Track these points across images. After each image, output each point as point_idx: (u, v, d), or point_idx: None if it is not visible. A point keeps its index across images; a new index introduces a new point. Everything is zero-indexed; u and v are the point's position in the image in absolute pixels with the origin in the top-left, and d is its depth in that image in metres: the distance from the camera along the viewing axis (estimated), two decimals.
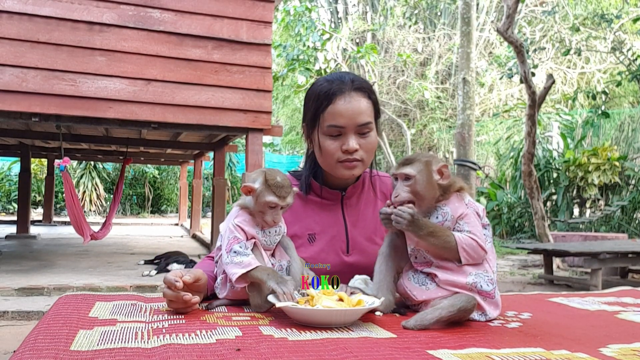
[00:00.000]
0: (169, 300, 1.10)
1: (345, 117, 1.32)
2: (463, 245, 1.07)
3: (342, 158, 1.34)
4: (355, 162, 1.35)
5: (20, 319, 4.04)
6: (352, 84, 1.34)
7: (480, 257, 1.09)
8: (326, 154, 1.36)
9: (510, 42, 6.98)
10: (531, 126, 7.06)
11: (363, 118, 1.33)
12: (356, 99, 1.33)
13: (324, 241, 1.40)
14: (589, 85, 14.38)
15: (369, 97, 1.36)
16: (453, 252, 1.08)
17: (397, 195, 1.12)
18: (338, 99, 1.32)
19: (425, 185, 1.11)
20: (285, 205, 1.18)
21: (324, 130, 1.35)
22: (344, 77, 1.36)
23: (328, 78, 1.37)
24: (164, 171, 17.23)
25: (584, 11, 14.47)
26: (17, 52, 4.87)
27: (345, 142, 1.33)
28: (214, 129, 5.70)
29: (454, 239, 1.07)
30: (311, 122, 1.38)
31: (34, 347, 0.84)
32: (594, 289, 5.14)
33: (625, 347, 0.94)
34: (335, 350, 0.85)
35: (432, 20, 16.17)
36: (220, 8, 5.47)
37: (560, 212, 9.94)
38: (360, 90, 1.34)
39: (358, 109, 1.32)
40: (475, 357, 0.85)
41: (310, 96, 1.38)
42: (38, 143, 9.30)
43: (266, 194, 1.15)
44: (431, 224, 1.09)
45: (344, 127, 1.33)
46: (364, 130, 1.34)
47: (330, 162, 1.36)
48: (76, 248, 7.88)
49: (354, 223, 1.44)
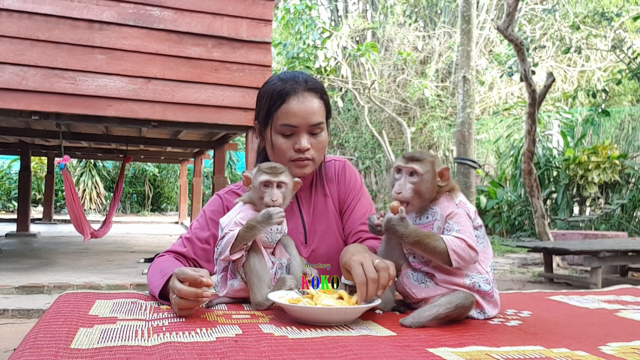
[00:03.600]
0: (183, 299, 1.04)
1: (298, 117, 1.34)
2: (453, 248, 1.06)
3: (294, 157, 1.37)
4: (306, 161, 1.38)
5: (20, 317, 4.04)
6: (305, 84, 1.36)
7: (471, 257, 1.07)
8: (278, 152, 1.39)
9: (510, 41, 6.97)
10: (531, 124, 7.06)
11: (315, 118, 1.36)
12: (309, 99, 1.35)
13: None
14: (589, 84, 14.37)
15: (321, 97, 1.39)
16: (443, 256, 1.06)
17: (400, 191, 1.12)
18: (291, 98, 1.34)
19: (429, 185, 1.11)
20: (278, 181, 1.21)
21: (276, 128, 1.37)
22: (298, 76, 1.38)
23: (282, 77, 1.39)
24: (164, 169, 17.23)
25: (585, 9, 14.46)
26: (17, 50, 4.86)
27: (298, 141, 1.36)
28: (214, 127, 5.69)
29: (443, 243, 1.06)
30: (264, 120, 1.40)
31: (34, 345, 0.84)
32: (593, 287, 5.14)
33: (624, 345, 0.94)
34: (335, 349, 0.85)
35: (432, 18, 16.15)
36: (220, 6, 5.47)
37: (560, 210, 9.94)
38: (313, 91, 1.37)
39: (311, 109, 1.35)
40: (475, 355, 0.85)
41: (264, 94, 1.40)
42: (38, 141, 9.30)
43: (259, 176, 1.21)
44: (418, 232, 1.07)
45: (296, 126, 1.35)
46: (315, 130, 1.37)
47: (282, 160, 1.38)
48: (76, 246, 7.88)
49: (309, 213, 1.47)
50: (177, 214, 15.12)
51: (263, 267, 1.17)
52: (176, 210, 16.17)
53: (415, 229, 1.08)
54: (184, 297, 1.04)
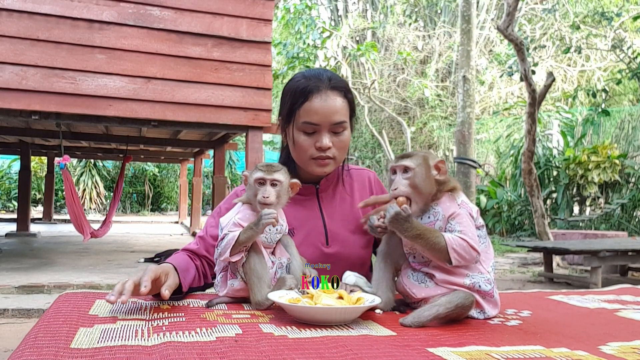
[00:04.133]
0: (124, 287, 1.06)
1: (320, 115, 1.33)
2: (453, 246, 1.05)
3: (315, 155, 1.36)
4: (327, 160, 1.37)
5: (20, 317, 4.04)
6: (329, 82, 1.35)
7: (472, 257, 1.07)
8: (300, 150, 1.38)
9: (510, 40, 6.97)
10: (531, 124, 7.06)
11: (338, 117, 1.35)
12: (332, 97, 1.34)
13: (302, 235, 1.41)
14: (589, 83, 14.37)
15: (345, 96, 1.37)
16: (443, 254, 1.06)
17: (396, 188, 1.12)
18: (314, 96, 1.33)
19: (424, 178, 1.11)
20: (272, 179, 1.20)
21: (298, 126, 1.36)
22: (322, 74, 1.37)
23: (306, 74, 1.39)
24: (164, 169, 17.23)
25: (585, 9, 14.46)
26: (17, 50, 4.86)
27: (319, 139, 1.35)
28: (214, 126, 5.69)
29: (444, 240, 1.06)
30: (287, 116, 1.40)
31: (34, 344, 0.84)
32: (593, 286, 5.14)
33: (624, 344, 0.94)
34: (335, 348, 0.85)
35: (432, 18, 16.15)
36: (220, 6, 5.47)
37: (560, 210, 9.94)
38: (336, 89, 1.35)
39: (333, 107, 1.34)
40: (475, 355, 0.85)
41: (287, 91, 1.40)
42: (38, 141, 9.30)
43: (254, 173, 1.21)
44: (420, 226, 1.08)
45: (318, 124, 1.34)
46: (338, 129, 1.36)
47: (304, 158, 1.38)
48: (76, 246, 7.88)
49: (331, 215, 1.45)
50: (177, 213, 15.12)
51: (263, 267, 1.17)
52: (176, 210, 16.18)
53: (417, 223, 1.08)
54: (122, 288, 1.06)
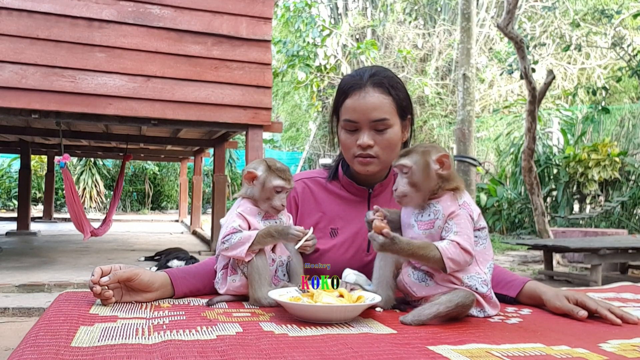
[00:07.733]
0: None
1: (357, 112, 1.32)
2: (448, 255, 1.05)
3: (357, 153, 1.35)
4: (369, 159, 1.34)
5: (21, 316, 4.04)
6: (369, 79, 1.33)
7: (465, 262, 1.07)
8: (343, 148, 1.39)
9: (510, 38, 6.96)
10: (531, 122, 7.05)
11: (377, 114, 1.31)
12: (371, 94, 1.31)
13: (345, 236, 1.39)
14: (589, 81, 14.36)
15: (389, 92, 1.33)
16: (439, 263, 1.06)
17: (396, 188, 1.13)
18: (353, 93, 1.33)
19: (422, 176, 1.10)
20: (290, 188, 1.21)
21: (341, 124, 1.37)
22: (365, 71, 1.36)
23: (353, 72, 1.39)
24: (164, 168, 17.22)
25: (584, 7, 14.44)
26: (17, 48, 4.86)
27: (360, 137, 1.34)
28: (214, 125, 5.69)
29: (439, 253, 1.05)
30: (334, 114, 1.42)
31: (35, 343, 0.84)
32: (593, 284, 5.15)
33: (624, 342, 0.94)
34: (336, 346, 0.85)
35: (432, 16, 16.13)
36: (219, 4, 5.46)
37: (560, 208, 9.94)
38: (378, 86, 1.33)
39: (371, 104, 1.31)
40: (475, 352, 0.85)
41: (336, 89, 1.41)
42: (38, 140, 9.29)
43: (272, 179, 1.20)
44: (411, 244, 1.06)
45: (356, 122, 1.33)
46: (379, 126, 1.32)
47: (348, 156, 1.38)
48: (76, 245, 7.88)
49: None
50: (177, 212, 15.12)
51: (264, 264, 1.17)
52: (176, 208, 16.17)
53: (408, 242, 1.07)
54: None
